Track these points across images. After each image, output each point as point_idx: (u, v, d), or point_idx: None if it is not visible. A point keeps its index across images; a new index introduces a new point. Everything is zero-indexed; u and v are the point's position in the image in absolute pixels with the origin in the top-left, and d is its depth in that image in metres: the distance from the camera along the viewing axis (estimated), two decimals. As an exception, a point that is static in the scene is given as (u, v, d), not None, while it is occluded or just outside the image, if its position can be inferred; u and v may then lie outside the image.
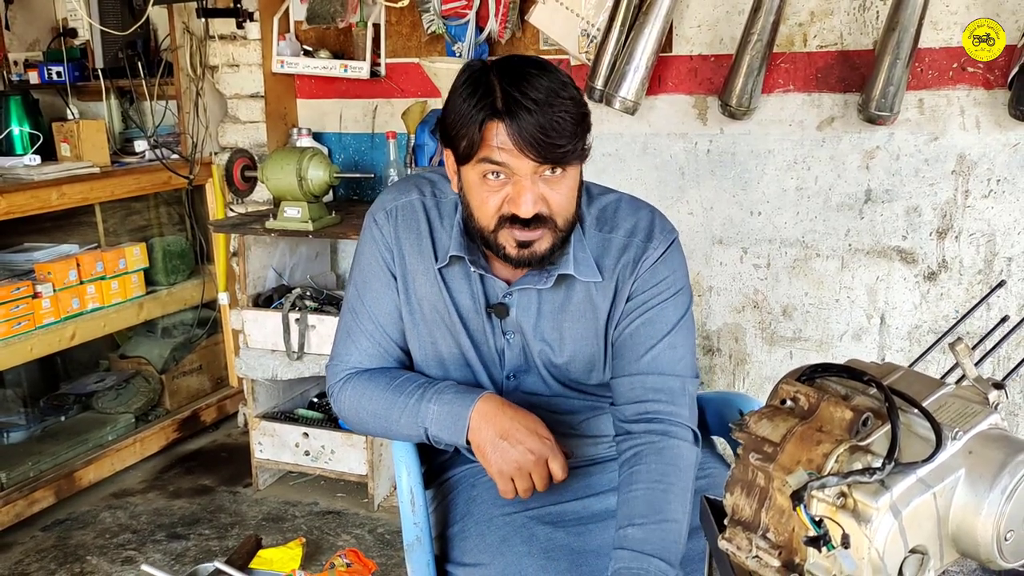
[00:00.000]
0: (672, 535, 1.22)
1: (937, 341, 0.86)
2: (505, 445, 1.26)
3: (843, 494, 0.67)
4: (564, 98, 1.22)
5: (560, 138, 1.20)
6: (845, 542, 0.66)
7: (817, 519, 0.67)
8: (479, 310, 1.39)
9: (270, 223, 2.74)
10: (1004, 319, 0.90)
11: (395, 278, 1.41)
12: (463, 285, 1.38)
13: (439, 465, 1.52)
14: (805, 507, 0.66)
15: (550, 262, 1.33)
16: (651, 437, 1.29)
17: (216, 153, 3.30)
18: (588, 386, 1.44)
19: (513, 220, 1.25)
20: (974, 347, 0.81)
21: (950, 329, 0.86)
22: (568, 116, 1.21)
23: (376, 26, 2.97)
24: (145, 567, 1.54)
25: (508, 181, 1.24)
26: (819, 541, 0.66)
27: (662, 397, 1.31)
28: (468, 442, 1.31)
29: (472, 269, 1.36)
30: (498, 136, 1.21)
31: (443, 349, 1.41)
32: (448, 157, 1.33)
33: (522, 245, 1.27)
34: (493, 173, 1.24)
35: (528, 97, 1.19)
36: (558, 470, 1.25)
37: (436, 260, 1.37)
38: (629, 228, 1.37)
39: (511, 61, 1.26)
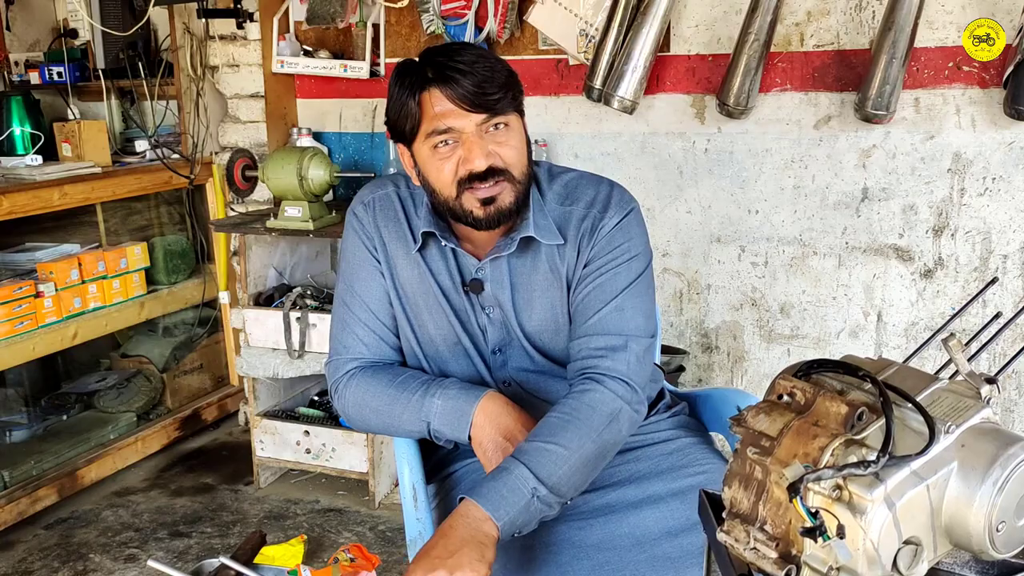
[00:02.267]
0: (555, 457, 1.23)
1: (931, 337, 0.87)
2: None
3: (839, 486, 0.69)
4: (489, 60, 1.33)
5: (492, 87, 1.29)
6: (840, 532, 0.67)
7: (813, 510, 0.68)
8: (458, 289, 1.44)
9: (271, 222, 2.75)
10: (997, 315, 0.92)
11: (379, 263, 1.47)
12: (440, 266, 1.44)
13: (440, 461, 1.54)
14: (801, 499, 0.68)
15: (512, 228, 1.39)
16: (581, 386, 1.33)
17: (216, 153, 3.31)
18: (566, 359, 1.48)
19: (471, 179, 1.31)
20: (968, 343, 0.82)
21: (944, 325, 0.87)
22: (496, 72, 1.31)
23: (376, 26, 2.98)
24: (152, 563, 1.55)
25: (457, 145, 1.32)
26: (815, 532, 0.67)
27: (602, 354, 1.35)
28: (470, 439, 1.32)
29: (444, 244, 1.41)
30: (436, 104, 1.30)
31: (432, 330, 1.46)
32: (404, 155, 1.41)
33: (486, 203, 1.33)
34: (442, 142, 1.32)
35: (455, 62, 1.30)
36: None
37: (414, 243, 1.43)
38: (589, 200, 1.44)
39: (435, 47, 1.36)
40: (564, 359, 1.47)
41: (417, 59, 1.35)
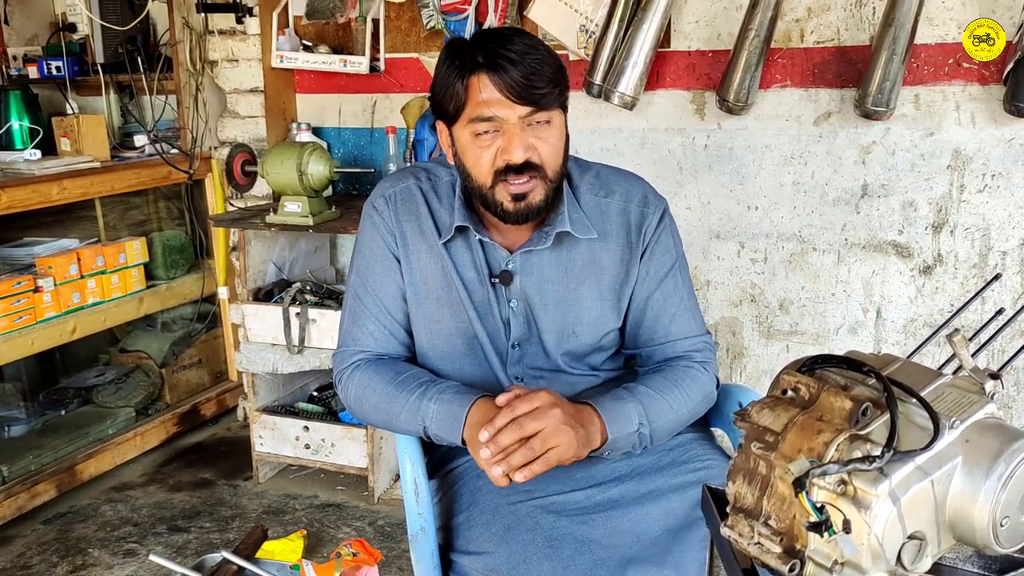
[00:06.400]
0: (663, 408, 1.37)
1: (934, 333, 0.87)
2: None
3: (843, 481, 0.69)
4: (540, 51, 1.33)
5: (540, 81, 1.30)
6: (847, 527, 0.67)
7: (818, 505, 0.68)
8: (483, 281, 1.44)
9: (270, 217, 2.75)
10: (1000, 311, 0.92)
11: (398, 261, 1.47)
12: (466, 258, 1.44)
13: (443, 456, 1.54)
14: (807, 494, 0.68)
15: (546, 222, 1.42)
16: (682, 363, 1.46)
17: (216, 148, 3.30)
18: (586, 359, 1.50)
19: (507, 172, 1.33)
20: (970, 339, 0.82)
21: (947, 321, 0.87)
22: (546, 65, 1.32)
23: (375, 21, 2.98)
24: (153, 557, 1.55)
25: (498, 134, 1.33)
26: (821, 527, 0.67)
27: (693, 356, 1.47)
28: (464, 442, 1.32)
29: (476, 236, 1.42)
30: (483, 90, 1.31)
31: (451, 324, 1.46)
32: (442, 133, 1.42)
33: (517, 198, 1.35)
34: (484, 131, 1.33)
35: (507, 50, 1.30)
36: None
37: (439, 236, 1.44)
38: (624, 193, 1.48)
39: (488, 30, 1.39)
40: (583, 356, 1.49)
41: (472, 37, 1.37)
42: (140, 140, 3.26)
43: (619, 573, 1.23)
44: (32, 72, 3.32)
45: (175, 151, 3.23)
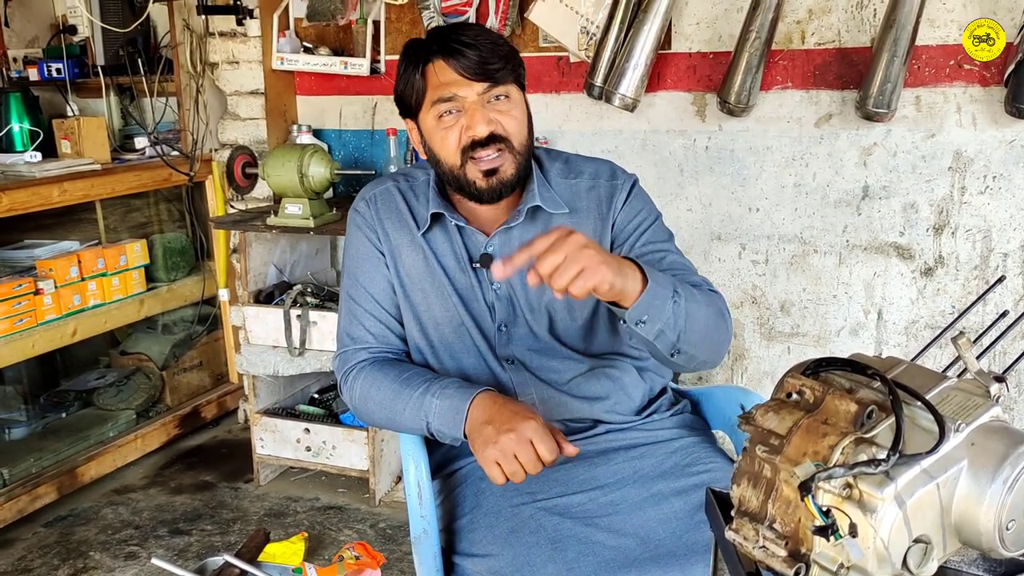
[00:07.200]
0: (692, 295, 1.26)
1: (939, 335, 0.87)
2: (489, 430, 1.26)
3: (849, 485, 0.69)
4: (492, 35, 1.41)
5: (493, 58, 1.36)
6: (852, 531, 0.67)
7: (824, 509, 0.68)
8: (463, 267, 1.48)
9: (271, 220, 2.75)
10: (1004, 314, 0.92)
11: (383, 255, 1.51)
12: (446, 247, 1.48)
13: (446, 458, 1.54)
14: (813, 498, 0.68)
15: (516, 201, 1.45)
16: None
17: (216, 150, 3.30)
18: (578, 341, 1.49)
19: (474, 147, 1.37)
20: (974, 341, 0.82)
21: (951, 324, 0.87)
22: (498, 46, 1.39)
23: (376, 23, 2.98)
24: (156, 560, 1.55)
25: (461, 114, 1.38)
26: (827, 530, 0.67)
27: (699, 282, 1.40)
28: (466, 436, 1.32)
29: (452, 222, 1.46)
30: (440, 74, 1.37)
31: (439, 313, 1.49)
32: (412, 131, 1.47)
33: (488, 174, 1.39)
34: (446, 111, 1.38)
35: (459, 35, 1.37)
36: (545, 452, 1.22)
37: (418, 228, 1.48)
38: (592, 172, 1.53)
39: (440, 26, 1.45)
40: (569, 337, 1.49)
41: (425, 35, 1.42)
42: (141, 142, 3.26)
43: (623, 576, 1.23)
44: (32, 74, 3.32)
45: (176, 153, 3.22)
